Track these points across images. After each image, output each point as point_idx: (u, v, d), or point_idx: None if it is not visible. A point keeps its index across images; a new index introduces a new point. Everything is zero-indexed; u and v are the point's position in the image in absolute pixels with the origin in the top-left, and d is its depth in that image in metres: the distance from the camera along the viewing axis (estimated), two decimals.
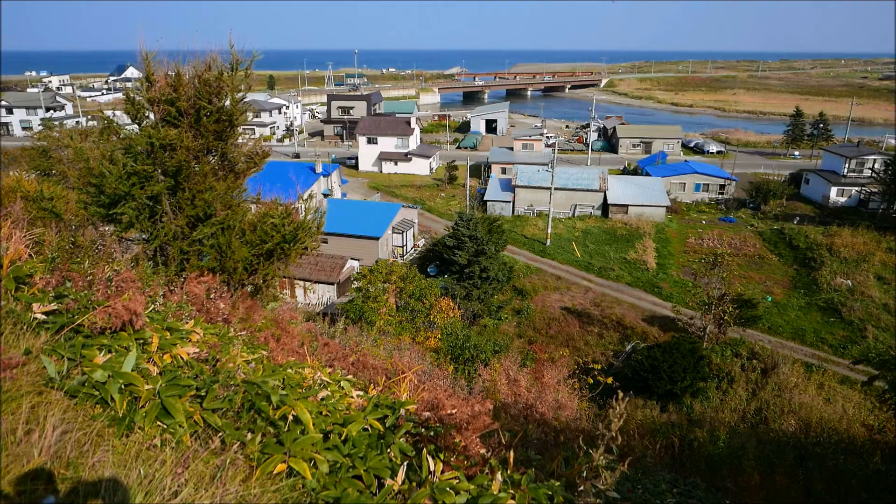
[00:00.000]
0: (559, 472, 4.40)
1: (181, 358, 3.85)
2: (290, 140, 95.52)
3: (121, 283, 4.63)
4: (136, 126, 9.53)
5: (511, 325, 36.05)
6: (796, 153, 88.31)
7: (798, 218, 56.69)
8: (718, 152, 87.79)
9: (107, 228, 9.63)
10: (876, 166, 60.26)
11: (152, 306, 4.88)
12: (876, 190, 57.58)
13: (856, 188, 61.24)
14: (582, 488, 3.44)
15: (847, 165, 63.30)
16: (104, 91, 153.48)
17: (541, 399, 9.67)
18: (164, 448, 2.81)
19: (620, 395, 3.84)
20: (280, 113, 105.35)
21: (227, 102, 9.50)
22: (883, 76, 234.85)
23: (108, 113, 10.35)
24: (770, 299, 39.36)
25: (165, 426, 2.98)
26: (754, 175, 71.66)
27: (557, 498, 3.45)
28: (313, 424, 3.37)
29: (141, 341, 3.78)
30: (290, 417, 3.36)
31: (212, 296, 6.88)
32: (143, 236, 9.50)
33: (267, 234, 9.79)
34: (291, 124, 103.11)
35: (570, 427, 8.93)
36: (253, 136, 11.83)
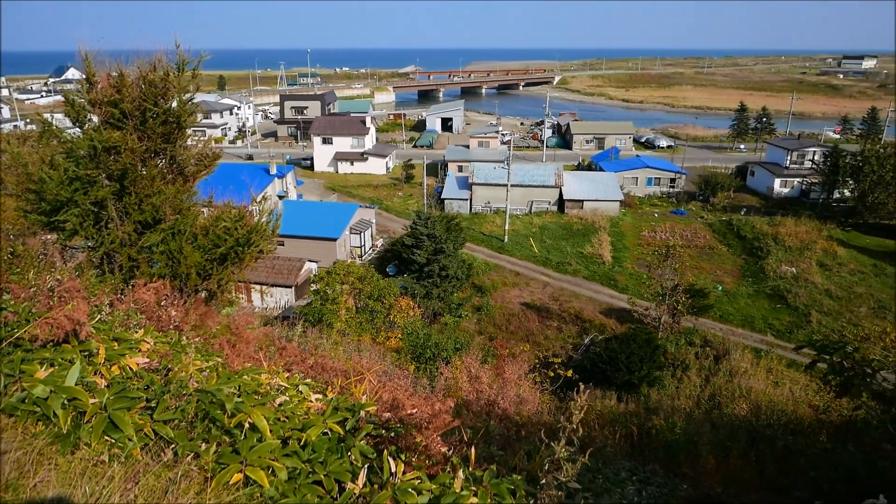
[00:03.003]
0: (521, 466, 4.44)
1: (130, 369, 3.72)
2: (243, 141, 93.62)
3: (63, 293, 4.44)
4: (77, 129, 9.17)
5: (472, 322, 36.21)
6: (742, 146, 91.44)
7: (745, 209, 58.72)
8: (668, 147, 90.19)
9: (49, 237, 9.22)
10: (816, 158, 62.91)
11: (98, 316, 4.70)
12: (816, 181, 60.12)
13: (798, 179, 63.81)
14: (544, 481, 3.48)
15: (789, 158, 65.91)
16: (43, 93, 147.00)
17: (502, 395, 9.72)
18: (112, 463, 2.70)
19: (582, 387, 3.89)
20: (231, 114, 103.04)
21: (175, 104, 9.22)
22: (820, 72, 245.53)
23: (47, 116, 9.91)
24: (720, 288, 40.62)
25: (114, 440, 2.87)
26: (703, 168, 73.91)
27: (520, 492, 3.47)
28: (271, 431, 3.30)
29: (86, 353, 3.63)
30: (247, 425, 3.28)
31: (163, 303, 6.68)
32: (89, 244, 9.15)
33: (220, 238, 9.56)
34: (244, 125, 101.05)
35: (532, 421, 9.01)
36: (203, 138, 11.52)
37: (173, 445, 2.99)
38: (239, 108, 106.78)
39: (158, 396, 3.30)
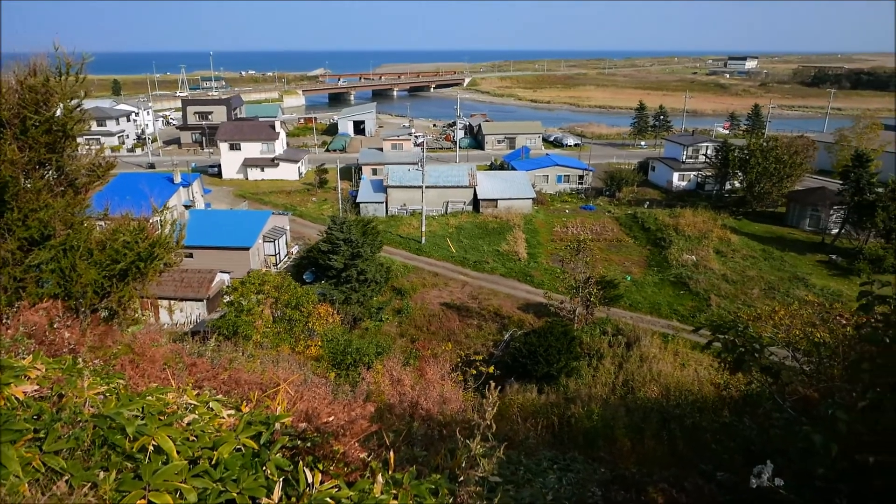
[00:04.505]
0: (444, 464, 4.46)
1: (16, 398, 3.42)
2: (143, 149, 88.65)
3: None
4: None
5: (393, 325, 36.08)
6: (643, 143, 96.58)
7: (648, 202, 61.99)
8: (576, 145, 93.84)
9: None
10: (708, 152, 67.39)
11: None
12: (710, 174, 64.43)
13: (694, 173, 68.12)
14: (462, 478, 3.51)
15: (685, 153, 70.25)
16: None
17: (425, 395, 9.73)
18: None
19: (492, 385, 3.97)
20: (129, 120, 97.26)
21: (59, 110, 8.59)
22: (709, 72, 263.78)
23: None
24: (629, 278, 42.66)
25: None
26: (608, 165, 77.37)
27: (442, 490, 3.49)
28: (178, 452, 3.14)
29: None
30: (151, 448, 3.10)
31: (56, 325, 6.21)
32: None
33: (118, 253, 9.00)
34: (143, 132, 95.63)
35: (456, 419, 9.08)
36: (97, 147, 10.80)
37: (66, 477, 2.77)
38: (137, 114, 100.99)
39: (48, 426, 3.06)
